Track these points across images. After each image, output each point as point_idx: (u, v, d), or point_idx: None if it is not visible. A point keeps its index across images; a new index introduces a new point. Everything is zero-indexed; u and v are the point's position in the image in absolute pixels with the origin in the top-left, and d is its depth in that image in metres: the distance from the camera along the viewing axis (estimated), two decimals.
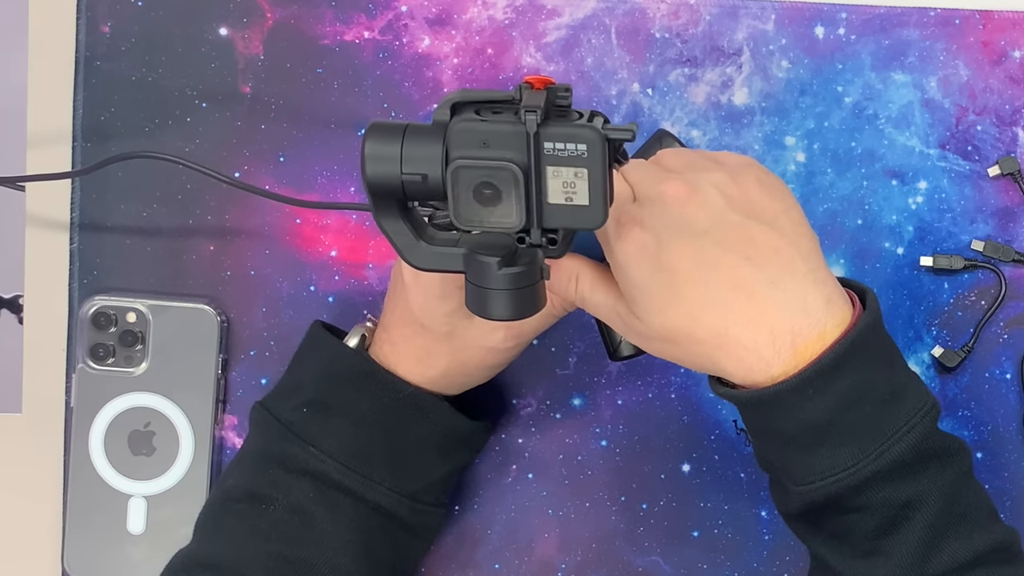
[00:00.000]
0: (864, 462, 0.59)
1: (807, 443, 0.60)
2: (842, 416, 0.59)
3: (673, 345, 0.61)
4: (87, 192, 0.79)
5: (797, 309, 0.59)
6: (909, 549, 0.60)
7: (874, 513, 0.60)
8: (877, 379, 0.60)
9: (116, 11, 0.78)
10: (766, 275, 0.59)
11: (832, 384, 0.58)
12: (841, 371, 0.58)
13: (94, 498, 0.78)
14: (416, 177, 0.54)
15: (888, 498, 0.59)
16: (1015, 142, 0.76)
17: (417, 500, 0.70)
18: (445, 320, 0.67)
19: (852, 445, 0.59)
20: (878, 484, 0.59)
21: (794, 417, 0.59)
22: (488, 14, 0.78)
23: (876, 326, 0.61)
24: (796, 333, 0.58)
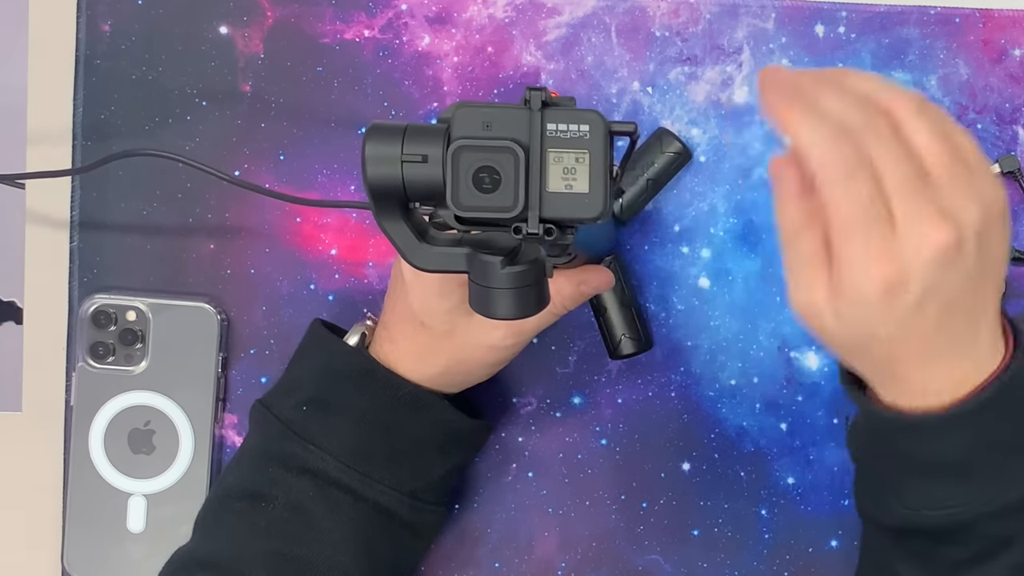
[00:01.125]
0: (977, 503, 0.57)
1: (936, 474, 0.58)
2: (972, 458, 0.57)
3: (861, 364, 0.57)
4: (87, 190, 0.79)
5: (976, 358, 0.56)
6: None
7: (969, 547, 0.59)
8: (1016, 427, 0.57)
9: (116, 9, 0.78)
10: (975, 329, 0.55)
11: (975, 426, 0.56)
12: (987, 414, 0.56)
13: (94, 496, 0.78)
14: (416, 158, 0.54)
15: (989, 534, 0.58)
16: (1015, 140, 0.76)
17: (417, 498, 0.70)
18: (445, 318, 0.67)
19: (971, 485, 0.57)
20: (983, 524, 0.58)
21: (932, 447, 0.57)
22: (488, 12, 0.78)
23: (1021, 375, 0.57)
24: (966, 380, 0.56)
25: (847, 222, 0.51)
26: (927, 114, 0.53)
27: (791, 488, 0.77)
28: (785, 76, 0.54)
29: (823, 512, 0.77)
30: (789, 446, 0.77)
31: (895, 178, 0.51)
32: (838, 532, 0.77)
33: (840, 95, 0.53)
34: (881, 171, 0.51)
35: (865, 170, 0.51)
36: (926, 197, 0.51)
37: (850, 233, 0.51)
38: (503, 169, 0.53)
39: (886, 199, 0.51)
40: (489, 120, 0.53)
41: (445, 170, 0.53)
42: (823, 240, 0.52)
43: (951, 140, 0.53)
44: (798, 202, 0.53)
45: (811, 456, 0.77)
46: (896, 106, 0.53)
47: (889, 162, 0.51)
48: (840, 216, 0.51)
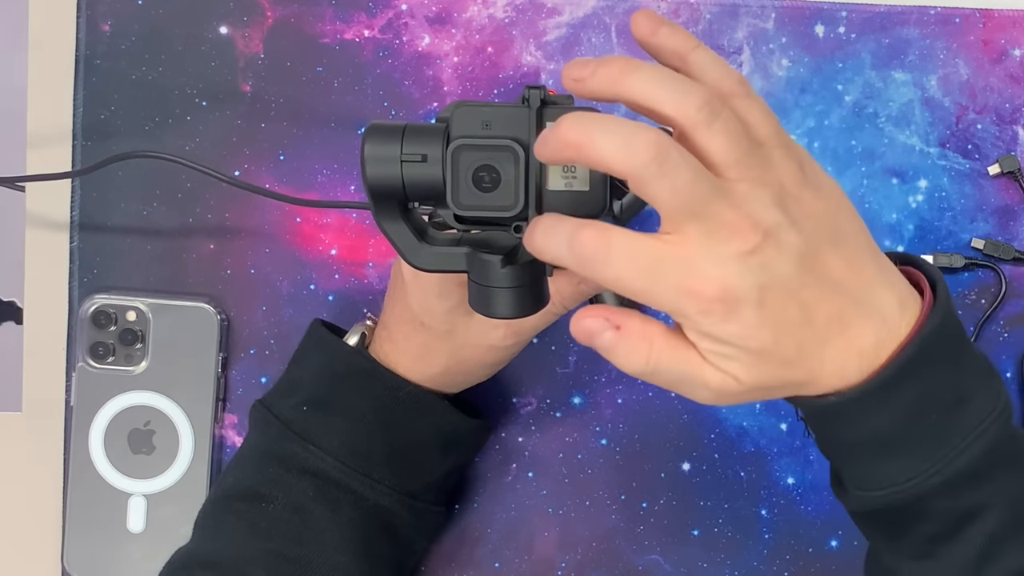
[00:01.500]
0: (928, 473, 0.55)
1: (869, 453, 0.56)
2: (907, 427, 0.55)
3: (764, 392, 0.54)
4: (87, 191, 0.79)
5: (879, 322, 0.53)
6: (964, 557, 0.56)
7: (933, 521, 0.57)
8: (943, 384, 0.55)
9: (116, 10, 0.78)
10: (851, 296, 0.53)
11: (896, 395, 0.54)
12: (904, 381, 0.53)
13: (94, 497, 0.78)
14: (416, 157, 0.54)
15: (950, 507, 0.56)
16: (1015, 140, 0.76)
17: (417, 499, 0.70)
18: (445, 318, 0.67)
19: (916, 456, 0.55)
20: (943, 494, 0.55)
21: (856, 428, 0.55)
22: (488, 12, 0.78)
23: (945, 323, 0.54)
24: (879, 348, 0.54)
25: (640, 278, 0.50)
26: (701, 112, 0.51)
27: (791, 488, 0.77)
28: None
29: (823, 512, 0.77)
30: (789, 446, 0.77)
31: (681, 201, 0.49)
32: (838, 532, 0.77)
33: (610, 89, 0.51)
34: (665, 199, 0.49)
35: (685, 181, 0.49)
36: (715, 204, 0.50)
37: (656, 293, 0.50)
38: (503, 168, 0.53)
39: (675, 223, 0.50)
40: (488, 119, 0.53)
41: (445, 169, 0.53)
42: None
43: (742, 130, 0.51)
44: None
45: (811, 456, 0.77)
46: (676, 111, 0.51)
47: (676, 191, 0.49)
48: (633, 276, 0.50)
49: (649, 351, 0.52)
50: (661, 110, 0.50)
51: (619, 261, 0.49)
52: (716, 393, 0.53)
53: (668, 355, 0.52)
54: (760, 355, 0.51)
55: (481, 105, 0.54)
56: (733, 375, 0.52)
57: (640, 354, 0.52)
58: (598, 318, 0.52)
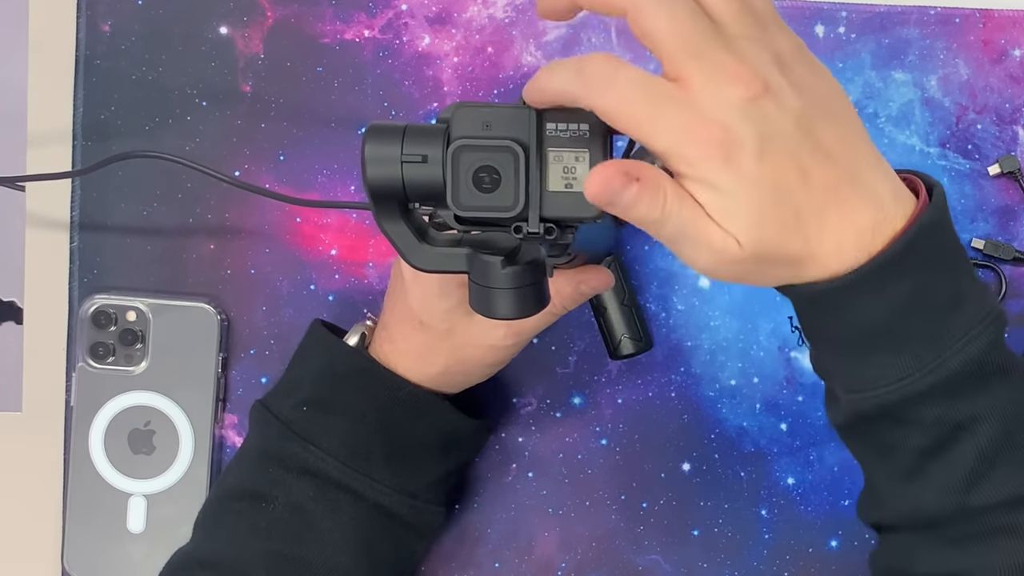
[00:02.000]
0: (920, 373, 0.54)
1: (860, 348, 0.55)
2: (899, 321, 0.54)
3: (760, 265, 0.52)
4: (87, 191, 0.79)
5: (874, 203, 0.53)
6: (955, 474, 0.56)
7: (924, 431, 0.55)
8: (939, 281, 0.54)
9: (116, 10, 0.78)
10: (846, 171, 0.53)
11: (889, 284, 0.53)
12: (898, 270, 0.53)
13: (94, 497, 0.78)
14: (416, 158, 0.54)
15: (942, 416, 0.55)
16: (1015, 141, 0.76)
17: (417, 499, 0.70)
18: (444, 318, 0.67)
19: (908, 354, 0.54)
20: (933, 398, 0.55)
21: (847, 319, 0.54)
22: (488, 13, 0.78)
23: (940, 223, 0.54)
24: (875, 230, 0.53)
25: (647, 116, 0.50)
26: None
27: (791, 488, 0.77)
28: None
29: (823, 512, 0.77)
30: (789, 446, 0.77)
31: (681, 36, 0.50)
32: (838, 532, 0.77)
33: None
34: (664, 31, 0.50)
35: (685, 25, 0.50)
36: (716, 49, 0.50)
37: (656, 128, 0.50)
38: (503, 169, 0.53)
39: (676, 66, 0.50)
40: (488, 120, 0.53)
41: (445, 170, 0.53)
42: None
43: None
44: None
45: (811, 456, 0.77)
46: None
47: (676, 21, 0.50)
48: (638, 111, 0.50)
49: (665, 198, 0.50)
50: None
51: (624, 87, 0.49)
52: (716, 256, 0.51)
53: (677, 204, 0.51)
54: (759, 212, 0.51)
55: (481, 106, 0.54)
56: (734, 235, 0.51)
57: (657, 202, 0.50)
58: (619, 174, 0.50)
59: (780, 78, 0.51)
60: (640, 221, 0.51)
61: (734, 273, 0.53)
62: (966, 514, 0.56)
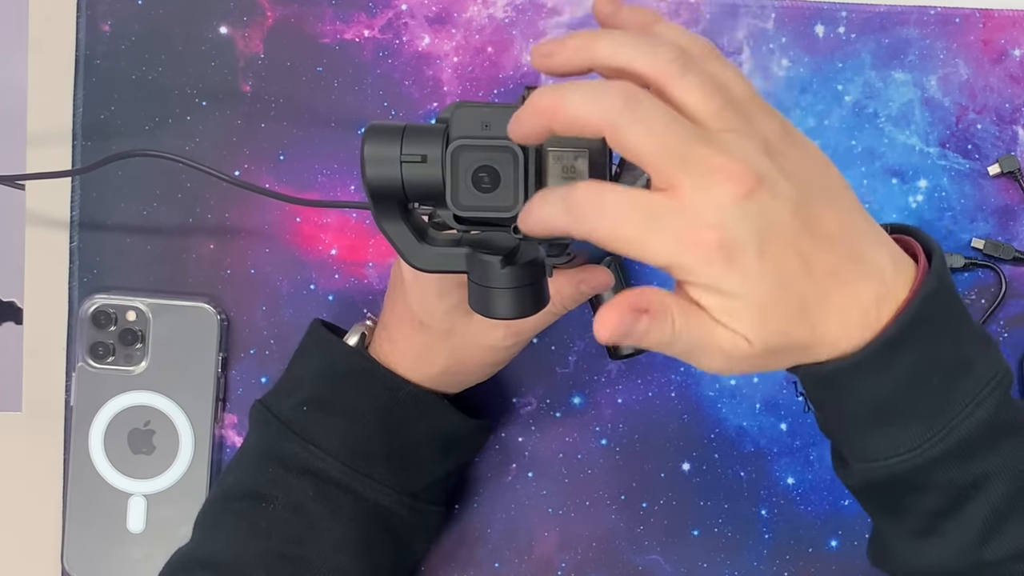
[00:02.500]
0: (931, 442, 0.54)
1: (869, 422, 0.55)
2: (907, 393, 0.54)
3: (771, 357, 0.52)
4: (87, 190, 0.79)
5: (877, 278, 0.53)
6: (969, 532, 0.56)
7: (938, 494, 0.56)
8: (943, 349, 0.54)
9: (116, 9, 0.78)
10: (847, 251, 0.52)
11: (896, 359, 0.53)
12: (905, 344, 0.52)
13: (94, 497, 0.78)
14: (415, 158, 0.54)
15: (954, 479, 0.55)
16: (1015, 140, 0.76)
17: (417, 499, 0.70)
18: (444, 318, 0.67)
19: (917, 425, 0.54)
20: (945, 464, 0.55)
21: (855, 395, 0.54)
22: (488, 13, 0.78)
23: (941, 288, 0.54)
24: (879, 306, 0.53)
25: (631, 231, 0.49)
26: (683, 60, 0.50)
27: (791, 488, 0.77)
28: None
29: (823, 512, 0.77)
30: (789, 446, 0.77)
31: (662, 147, 0.49)
32: (838, 532, 0.77)
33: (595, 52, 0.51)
34: (645, 145, 0.49)
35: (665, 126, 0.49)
36: (701, 151, 0.49)
37: (653, 245, 0.49)
38: (502, 169, 0.53)
39: (664, 177, 0.49)
40: (488, 120, 0.53)
41: (444, 170, 0.53)
42: None
43: (718, 85, 0.51)
44: None
45: (811, 456, 0.77)
46: (643, 66, 0.51)
47: (653, 134, 0.49)
48: (623, 227, 0.49)
49: (673, 321, 0.50)
50: (633, 67, 0.50)
51: (614, 212, 0.49)
52: (727, 357, 0.51)
53: (683, 320, 0.50)
54: (765, 308, 0.50)
55: (481, 105, 0.54)
56: (743, 334, 0.50)
57: (667, 327, 0.50)
58: (628, 312, 0.49)
59: (771, 167, 0.50)
60: (651, 346, 0.51)
61: (746, 368, 0.52)
62: (981, 568, 0.56)
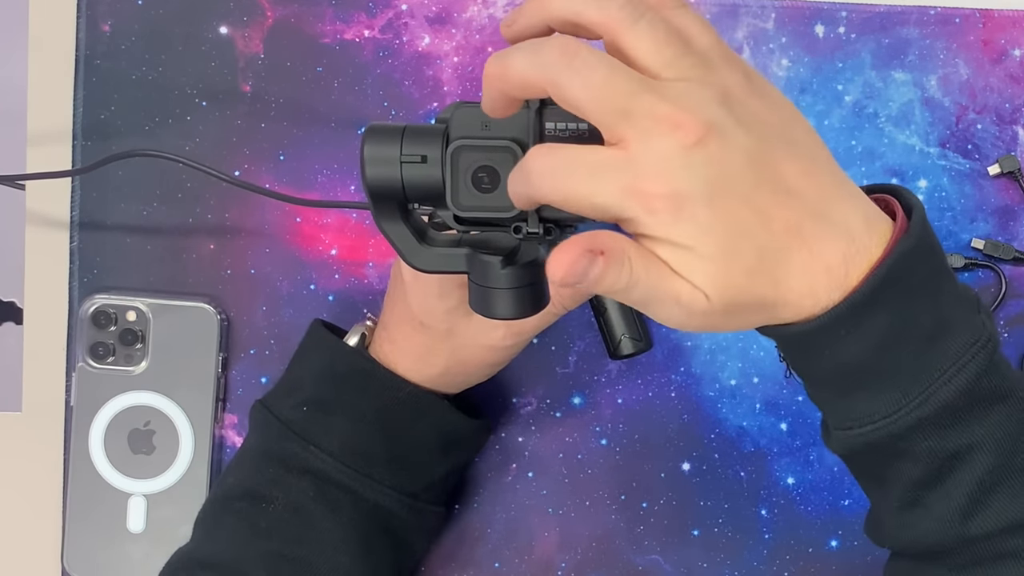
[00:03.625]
0: (907, 408, 0.52)
1: (843, 387, 0.54)
2: (881, 357, 0.52)
3: (733, 314, 0.50)
4: (87, 190, 0.79)
5: (844, 236, 0.50)
6: (952, 504, 0.54)
7: (918, 462, 0.54)
8: (920, 311, 0.52)
9: (116, 9, 0.78)
10: (810, 206, 0.50)
11: (867, 321, 0.51)
12: (876, 306, 0.50)
13: (94, 497, 0.78)
14: (415, 158, 0.54)
15: (934, 447, 0.53)
16: (1015, 140, 0.76)
17: (417, 499, 0.71)
18: (444, 318, 0.67)
19: (893, 389, 0.52)
20: (923, 432, 0.53)
21: (826, 359, 0.52)
22: (488, 13, 0.78)
23: (919, 249, 0.51)
24: (848, 266, 0.50)
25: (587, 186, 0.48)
26: None
27: (791, 488, 0.77)
28: None
29: (823, 512, 0.77)
30: (789, 446, 0.77)
31: (603, 100, 0.48)
32: (838, 532, 0.77)
33: None
34: (584, 98, 0.48)
35: (609, 75, 0.48)
36: (646, 102, 0.47)
37: (602, 199, 0.48)
38: (502, 169, 0.53)
39: (609, 131, 0.48)
40: (488, 120, 0.53)
41: (444, 170, 0.53)
42: None
43: (673, 33, 0.49)
44: None
45: (811, 456, 0.77)
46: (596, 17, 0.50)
47: (591, 87, 0.47)
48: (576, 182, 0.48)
49: (630, 265, 0.49)
50: (582, 19, 0.50)
51: (563, 170, 0.48)
52: (686, 311, 0.49)
53: (642, 268, 0.49)
54: (720, 260, 0.48)
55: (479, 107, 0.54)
56: (700, 288, 0.49)
57: (624, 271, 0.49)
58: (582, 253, 0.48)
59: (726, 115, 0.48)
60: (607, 291, 0.49)
61: (707, 324, 0.50)
62: (967, 543, 0.55)
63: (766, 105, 0.50)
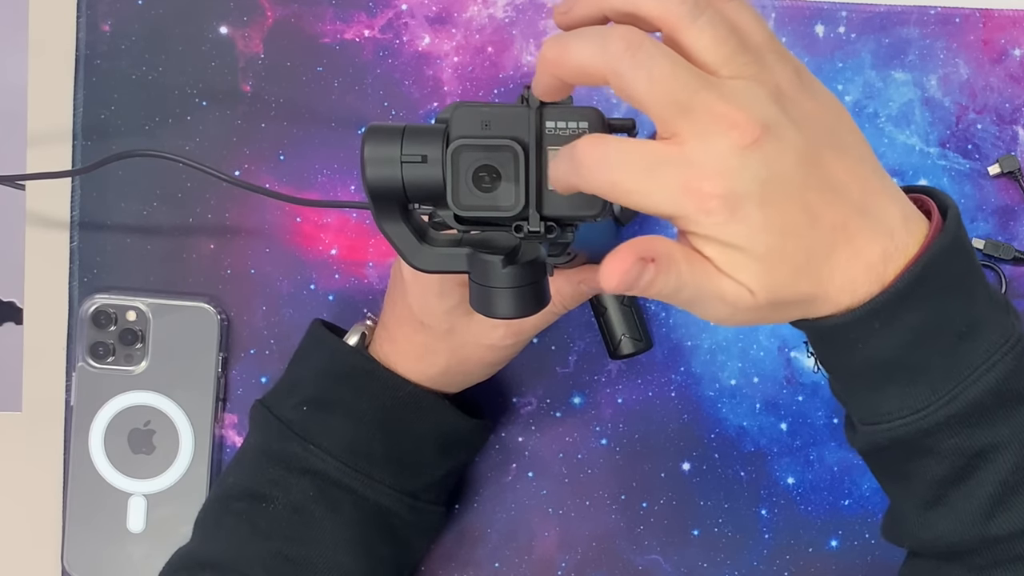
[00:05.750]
0: (936, 405, 0.53)
1: (874, 380, 0.54)
2: (912, 353, 0.53)
3: (775, 309, 0.51)
4: (87, 190, 0.79)
5: (885, 234, 0.51)
6: (975, 503, 0.54)
7: (943, 460, 0.54)
8: (953, 309, 0.53)
9: (116, 9, 0.78)
10: (855, 204, 0.51)
11: (901, 316, 0.52)
12: (911, 301, 0.51)
13: (94, 496, 0.78)
14: (415, 158, 0.54)
15: (960, 445, 0.54)
16: (1015, 140, 0.76)
17: (417, 499, 0.71)
18: (444, 317, 0.67)
19: (923, 385, 0.53)
20: (950, 429, 0.53)
21: (859, 352, 0.53)
22: (488, 12, 0.78)
23: (953, 248, 0.53)
24: (886, 262, 0.51)
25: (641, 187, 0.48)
26: None
27: (791, 488, 0.77)
28: None
29: (823, 512, 0.77)
30: (789, 446, 0.77)
31: (665, 95, 0.48)
32: (838, 532, 0.77)
33: None
34: (646, 92, 0.48)
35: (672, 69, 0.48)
36: (706, 99, 0.48)
37: (656, 196, 0.48)
38: (503, 168, 0.53)
39: (667, 126, 0.49)
40: (488, 119, 0.53)
41: (445, 170, 0.53)
42: None
43: (732, 29, 0.50)
44: None
45: (811, 456, 0.77)
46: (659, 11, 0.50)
47: (655, 81, 0.48)
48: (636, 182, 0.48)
49: (679, 270, 0.49)
50: (642, 11, 0.50)
51: (617, 163, 0.48)
52: (731, 307, 0.50)
53: (687, 268, 0.49)
54: (769, 260, 0.49)
55: (481, 105, 0.54)
56: (747, 285, 0.50)
57: (672, 276, 0.49)
58: (635, 261, 0.48)
59: (779, 115, 0.49)
60: (657, 296, 0.50)
61: (749, 319, 0.52)
62: (988, 543, 0.55)
63: (816, 103, 0.51)
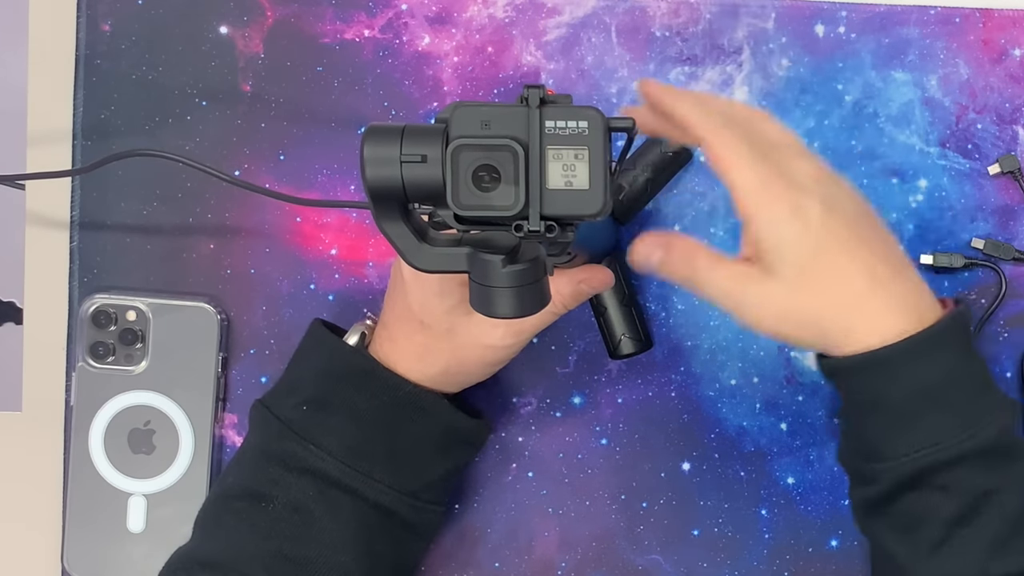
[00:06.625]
0: (964, 436, 0.60)
1: (910, 411, 0.61)
2: (947, 387, 0.61)
3: (799, 328, 0.61)
4: (87, 190, 0.79)
5: (913, 295, 0.62)
6: (981, 542, 0.60)
7: (955, 496, 0.61)
8: (974, 362, 0.62)
9: (116, 9, 0.78)
10: (890, 267, 0.61)
11: (943, 352, 0.60)
12: (946, 342, 0.61)
13: (94, 496, 0.78)
14: (415, 158, 0.54)
15: (974, 482, 0.60)
16: (1015, 140, 0.76)
17: (417, 498, 0.70)
18: (444, 317, 0.67)
19: (954, 416, 0.61)
20: (970, 463, 0.60)
21: (903, 380, 0.60)
22: (488, 12, 0.78)
23: (968, 326, 0.63)
24: (920, 306, 0.62)
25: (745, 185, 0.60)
26: None
27: (791, 488, 0.77)
28: None
29: (823, 512, 0.77)
30: (789, 446, 0.77)
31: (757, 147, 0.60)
32: (838, 532, 0.77)
33: None
34: None
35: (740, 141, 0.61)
36: (776, 168, 0.60)
37: (749, 173, 0.60)
38: (503, 167, 0.53)
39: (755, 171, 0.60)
40: (488, 119, 0.53)
41: (445, 170, 0.53)
42: None
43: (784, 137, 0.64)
44: None
45: (811, 456, 0.77)
46: None
47: None
48: None
49: (694, 267, 0.61)
50: (692, 139, 0.62)
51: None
52: (758, 309, 0.61)
53: (706, 268, 0.61)
54: (803, 276, 0.60)
55: (480, 105, 0.54)
56: (775, 292, 0.60)
57: (685, 269, 0.62)
58: (652, 242, 0.63)
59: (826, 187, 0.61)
60: (672, 280, 0.63)
61: (775, 327, 0.61)
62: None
63: (846, 190, 0.63)
